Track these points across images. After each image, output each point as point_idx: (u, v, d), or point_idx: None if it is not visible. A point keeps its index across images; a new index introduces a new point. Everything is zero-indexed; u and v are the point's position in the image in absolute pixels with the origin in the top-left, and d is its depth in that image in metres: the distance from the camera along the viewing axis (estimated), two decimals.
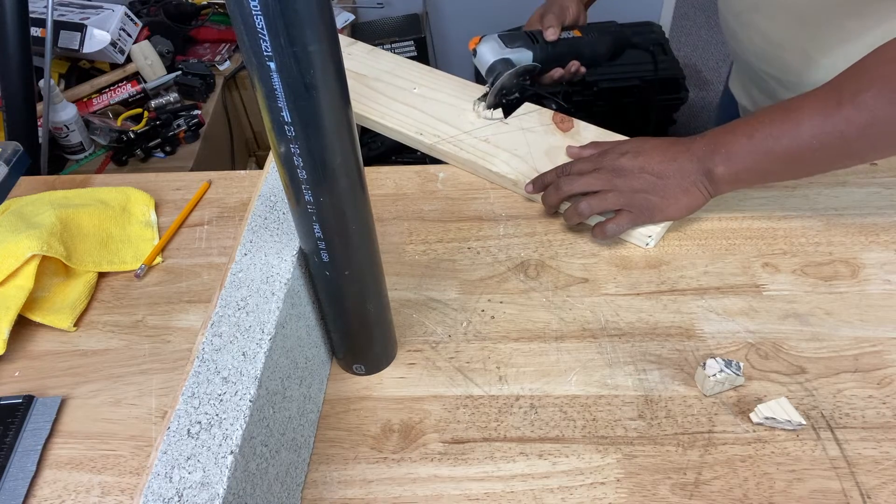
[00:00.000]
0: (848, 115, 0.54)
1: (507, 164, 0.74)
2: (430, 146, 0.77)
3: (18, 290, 0.62)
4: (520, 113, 0.80)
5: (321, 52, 0.35)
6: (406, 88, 0.84)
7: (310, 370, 0.53)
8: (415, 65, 0.88)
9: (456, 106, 0.82)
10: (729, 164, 0.60)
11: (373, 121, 0.81)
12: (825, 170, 0.61)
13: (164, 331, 0.63)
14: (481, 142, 0.77)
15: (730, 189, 0.63)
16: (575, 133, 0.77)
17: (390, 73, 0.87)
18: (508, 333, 0.60)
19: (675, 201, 0.63)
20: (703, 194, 0.63)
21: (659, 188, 0.63)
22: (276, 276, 0.47)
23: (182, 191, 0.78)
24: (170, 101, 1.51)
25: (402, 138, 0.79)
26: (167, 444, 0.38)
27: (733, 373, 0.53)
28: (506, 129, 0.78)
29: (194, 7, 1.75)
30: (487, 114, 0.80)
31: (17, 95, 1.07)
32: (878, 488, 0.48)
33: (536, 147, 0.75)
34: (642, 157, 0.64)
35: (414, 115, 0.81)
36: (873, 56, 0.55)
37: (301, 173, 0.41)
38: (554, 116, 0.79)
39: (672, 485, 0.49)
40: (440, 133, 0.78)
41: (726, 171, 0.60)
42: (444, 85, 0.85)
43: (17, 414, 0.55)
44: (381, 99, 0.83)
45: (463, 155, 0.75)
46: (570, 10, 0.87)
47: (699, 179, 0.62)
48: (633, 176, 0.64)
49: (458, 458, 0.52)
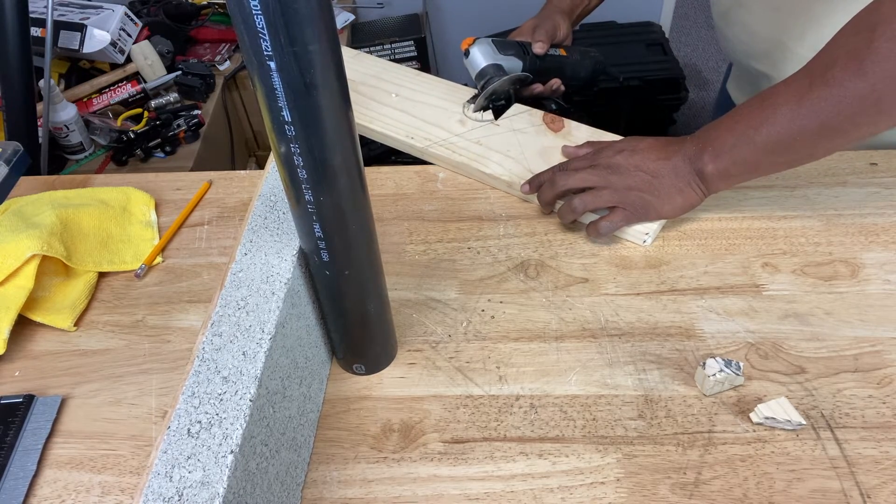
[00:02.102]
0: (819, 94, 0.54)
1: (500, 165, 0.74)
2: (422, 150, 0.77)
3: (19, 289, 0.62)
4: (510, 114, 0.80)
5: (321, 51, 0.35)
6: (392, 93, 0.84)
7: (310, 370, 0.53)
8: (401, 68, 0.88)
9: (446, 109, 0.81)
10: (717, 161, 0.60)
11: (362, 126, 0.81)
12: (813, 154, 0.59)
13: (164, 331, 0.63)
14: (473, 144, 0.77)
15: (724, 186, 0.63)
16: (566, 133, 0.77)
17: (377, 77, 0.86)
18: (508, 333, 0.60)
19: (669, 200, 0.64)
20: (696, 194, 0.63)
21: (653, 186, 0.63)
22: (276, 276, 0.47)
23: (182, 191, 0.78)
24: (170, 101, 1.52)
25: (392, 142, 0.79)
26: (167, 443, 0.38)
27: (733, 372, 0.53)
28: (497, 130, 0.78)
29: (194, 7, 1.75)
30: (477, 116, 0.80)
31: (17, 95, 1.07)
32: (878, 488, 0.48)
33: (529, 148, 0.75)
34: (637, 155, 0.64)
35: (403, 118, 0.80)
36: (838, 34, 0.55)
37: (301, 173, 0.41)
38: (544, 117, 0.79)
39: (672, 484, 0.49)
40: (431, 136, 0.78)
41: (715, 168, 0.61)
42: (433, 88, 0.85)
43: (18, 413, 0.55)
44: (370, 104, 0.83)
45: (455, 158, 0.75)
46: (560, 29, 0.89)
47: (692, 179, 0.62)
48: (628, 174, 0.64)
49: (458, 457, 0.52)
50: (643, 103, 1.81)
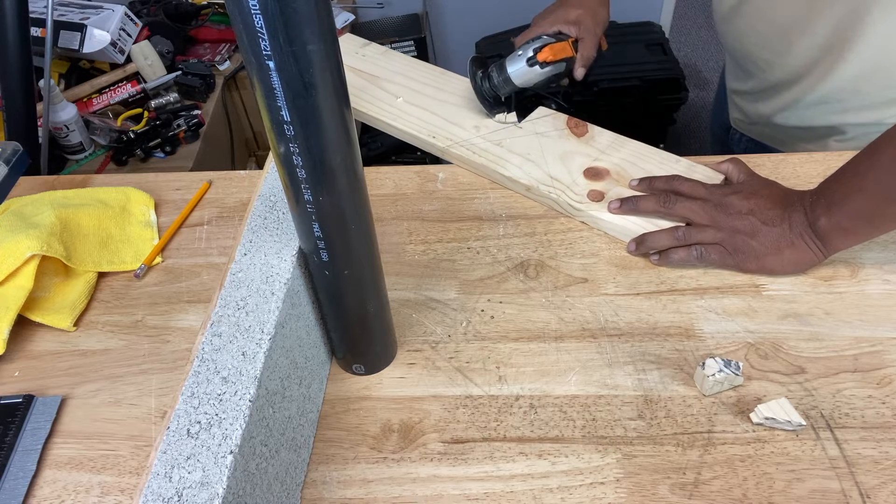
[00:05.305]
0: None
1: (519, 168, 0.73)
2: (443, 150, 0.77)
3: (18, 289, 0.62)
4: (533, 117, 0.80)
5: (320, 51, 0.35)
6: (419, 91, 0.84)
7: (309, 370, 0.53)
8: (427, 66, 0.88)
9: (469, 109, 0.81)
10: (830, 214, 0.58)
11: (385, 122, 0.81)
12: None
13: (164, 331, 0.63)
14: (494, 146, 0.76)
15: (844, 241, 0.59)
16: (589, 138, 0.76)
17: (403, 75, 0.86)
18: (508, 333, 0.60)
19: (776, 252, 0.60)
20: (811, 250, 0.60)
21: (762, 234, 0.61)
22: (276, 276, 0.47)
23: (182, 191, 0.78)
24: (170, 101, 1.52)
25: (414, 141, 0.79)
26: (167, 443, 0.38)
27: (732, 372, 0.53)
28: (519, 133, 0.78)
29: (194, 7, 1.75)
30: (501, 117, 0.79)
31: (17, 95, 1.07)
32: (878, 488, 0.48)
33: (550, 151, 0.75)
34: (754, 199, 0.62)
35: (426, 117, 0.80)
36: None
37: (300, 173, 0.41)
38: (568, 121, 0.78)
39: (671, 485, 0.49)
40: (452, 136, 0.78)
41: (828, 221, 0.58)
42: (457, 87, 0.84)
43: (17, 414, 0.55)
44: (394, 101, 0.83)
45: (475, 159, 0.75)
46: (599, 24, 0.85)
47: (806, 233, 0.59)
48: (739, 216, 0.62)
49: (458, 457, 0.52)
50: (643, 103, 1.81)
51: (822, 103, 0.77)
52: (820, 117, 0.79)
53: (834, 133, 0.80)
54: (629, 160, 0.73)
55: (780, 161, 0.74)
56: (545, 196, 0.70)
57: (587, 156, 0.74)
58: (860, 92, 0.74)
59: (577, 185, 0.71)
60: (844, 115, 0.77)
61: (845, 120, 0.78)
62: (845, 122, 0.78)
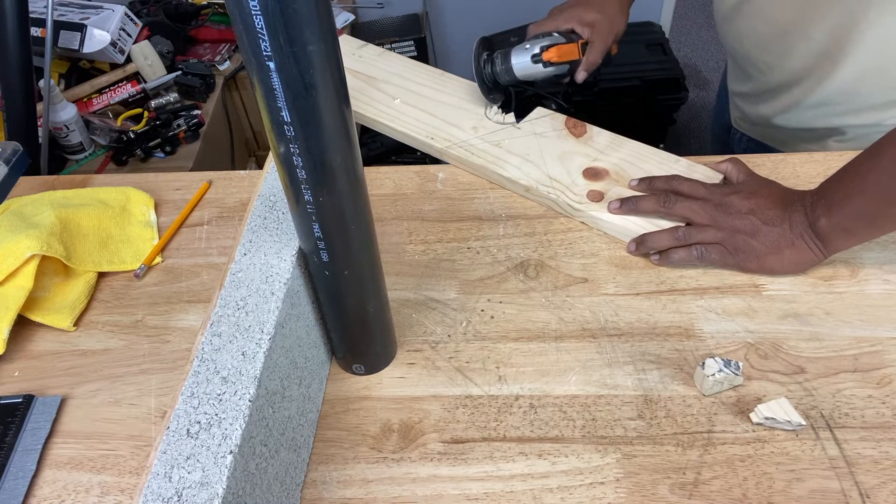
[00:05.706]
0: None
1: (518, 168, 0.73)
2: (441, 150, 0.77)
3: (18, 289, 0.62)
4: (532, 118, 0.80)
5: (321, 51, 0.35)
6: (416, 92, 0.84)
7: (309, 370, 0.53)
8: (425, 67, 0.88)
9: (467, 110, 0.81)
10: (830, 215, 0.58)
11: (383, 124, 0.81)
12: None
13: (164, 331, 0.63)
14: (493, 146, 0.76)
15: (844, 242, 0.59)
16: (588, 138, 0.76)
17: (400, 76, 0.86)
18: (508, 333, 0.60)
19: (776, 252, 0.61)
20: (811, 250, 0.60)
21: (762, 234, 0.61)
22: (276, 276, 0.47)
23: (182, 191, 0.78)
24: (170, 101, 1.52)
25: (412, 142, 0.79)
26: (167, 443, 0.38)
27: (732, 372, 0.53)
28: (518, 133, 0.78)
29: (194, 7, 1.75)
30: (499, 118, 0.79)
31: (17, 95, 1.07)
32: (878, 488, 0.48)
33: (548, 152, 0.75)
34: (754, 199, 0.62)
35: (424, 118, 0.80)
36: None
37: (300, 173, 0.41)
38: (567, 121, 0.78)
39: (671, 484, 0.49)
40: (451, 137, 0.78)
41: (828, 222, 0.58)
42: (456, 89, 0.84)
43: (17, 413, 0.56)
44: (391, 102, 0.83)
45: (474, 160, 0.75)
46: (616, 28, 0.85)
47: (806, 233, 0.59)
48: (739, 216, 0.62)
49: (458, 457, 0.52)
50: (643, 103, 1.81)
51: (822, 105, 0.77)
52: (820, 119, 0.79)
53: (834, 134, 0.80)
54: (628, 160, 0.73)
55: (780, 161, 0.74)
56: (545, 197, 0.70)
57: (586, 156, 0.74)
58: (860, 94, 0.74)
59: (577, 185, 0.71)
60: (844, 116, 0.77)
61: (845, 122, 0.78)
62: (845, 123, 0.78)
